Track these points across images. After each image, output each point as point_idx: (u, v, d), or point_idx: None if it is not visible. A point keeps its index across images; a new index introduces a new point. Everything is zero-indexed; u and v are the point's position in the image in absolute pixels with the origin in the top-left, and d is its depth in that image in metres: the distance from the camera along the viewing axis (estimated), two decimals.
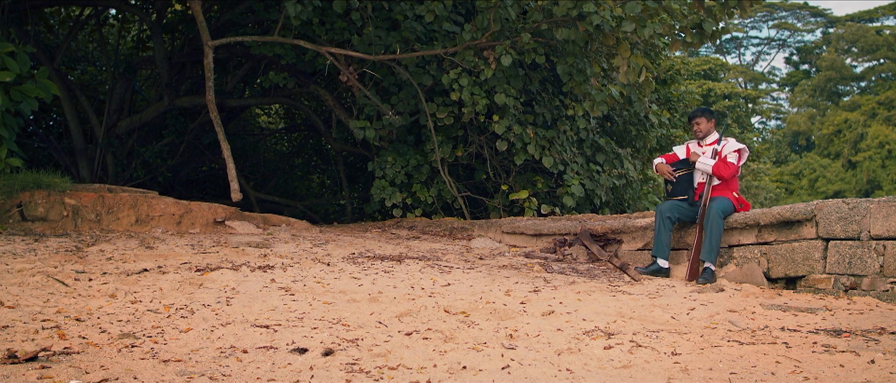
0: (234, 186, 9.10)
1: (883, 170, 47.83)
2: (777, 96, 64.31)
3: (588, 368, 4.00)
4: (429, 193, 10.99)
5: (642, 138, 13.55)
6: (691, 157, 7.61)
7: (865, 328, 5.14)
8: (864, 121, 51.62)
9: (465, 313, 5.17)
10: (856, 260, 6.58)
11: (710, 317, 5.44)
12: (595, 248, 8.03)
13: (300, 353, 4.05)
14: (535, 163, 11.20)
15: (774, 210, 7.17)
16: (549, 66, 11.17)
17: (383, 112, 10.66)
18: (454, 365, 3.95)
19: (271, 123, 18.28)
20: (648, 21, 8.97)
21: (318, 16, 10.34)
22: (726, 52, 64.70)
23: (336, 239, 8.60)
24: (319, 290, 5.68)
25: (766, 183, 34.26)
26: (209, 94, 9.42)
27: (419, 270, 6.75)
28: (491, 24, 9.52)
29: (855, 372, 3.96)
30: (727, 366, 4.06)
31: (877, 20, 62.18)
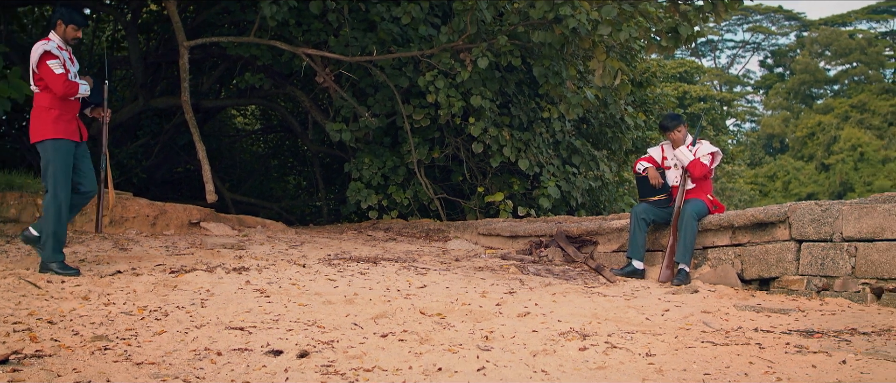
0: (209, 188, 9.05)
1: (855, 173, 48.31)
2: (752, 99, 64.80)
3: (563, 369, 4.01)
4: (405, 195, 10.99)
5: (618, 140, 13.62)
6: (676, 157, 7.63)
7: (837, 329, 5.19)
8: (838, 123, 52.12)
9: (441, 315, 5.17)
10: (828, 261, 6.64)
11: (684, 318, 5.47)
12: (571, 250, 8.05)
13: (275, 355, 4.04)
14: (511, 165, 11.23)
15: (748, 212, 7.22)
16: (525, 69, 11.20)
17: (360, 113, 10.65)
18: (430, 366, 3.95)
19: (247, 124, 18.21)
20: (624, 24, 9.02)
21: (294, 17, 10.32)
22: (702, 55, 65.09)
23: (312, 240, 8.58)
24: (295, 292, 5.66)
25: (740, 185, 34.52)
26: (184, 94, 9.37)
27: (395, 272, 6.74)
28: (467, 26, 9.54)
29: (827, 373, 3.99)
30: (701, 367, 4.08)
31: (850, 24, 62.79)
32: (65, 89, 6.06)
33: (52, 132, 6.11)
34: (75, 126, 6.27)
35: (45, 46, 6.13)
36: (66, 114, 6.18)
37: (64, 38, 6.29)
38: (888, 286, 6.32)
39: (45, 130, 6.12)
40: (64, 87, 6.05)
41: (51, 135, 6.11)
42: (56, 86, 6.04)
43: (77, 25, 6.32)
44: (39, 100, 6.18)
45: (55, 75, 6.06)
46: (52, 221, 6.06)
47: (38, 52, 6.12)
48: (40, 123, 6.14)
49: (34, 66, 6.14)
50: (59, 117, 6.13)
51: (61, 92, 6.06)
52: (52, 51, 6.12)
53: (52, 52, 6.11)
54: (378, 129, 11.14)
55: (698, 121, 8.86)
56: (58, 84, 6.04)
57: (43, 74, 6.10)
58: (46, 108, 6.13)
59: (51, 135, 6.11)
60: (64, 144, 6.14)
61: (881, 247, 6.39)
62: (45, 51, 6.11)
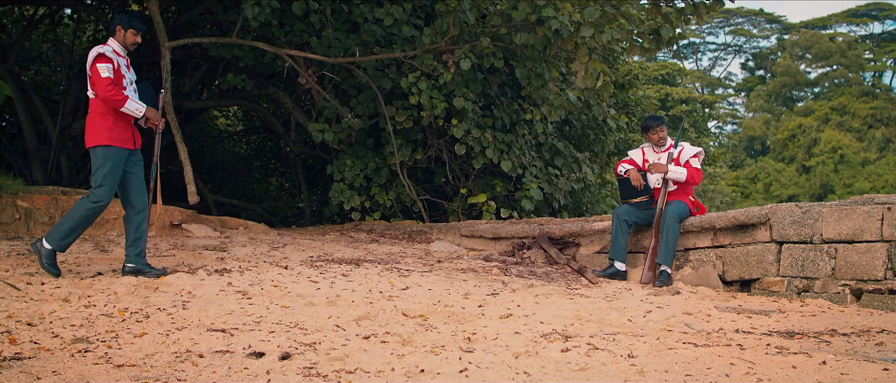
0: (191, 189, 9.02)
1: (835, 175, 48.66)
2: (733, 101, 65.16)
3: (545, 371, 4.01)
4: (388, 196, 10.98)
5: (600, 142, 13.66)
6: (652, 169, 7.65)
7: (817, 330, 5.22)
8: (818, 126, 52.47)
9: (424, 316, 5.17)
10: (808, 263, 6.69)
11: (666, 320, 5.50)
12: (553, 251, 8.07)
13: (257, 357, 4.02)
14: (493, 167, 11.24)
15: (730, 214, 7.26)
16: (507, 71, 11.21)
17: (342, 115, 10.63)
18: (412, 368, 3.95)
19: (229, 125, 18.14)
20: (606, 26, 9.06)
21: (276, 18, 10.29)
22: (684, 57, 65.37)
23: (294, 242, 8.56)
24: (277, 294, 5.65)
25: (722, 187, 34.69)
26: (166, 95, 9.32)
27: (378, 274, 6.74)
28: (450, 28, 9.54)
29: (807, 374, 4.02)
30: (682, 368, 4.10)
31: (830, 27, 63.25)
32: (106, 94, 5.96)
33: (105, 139, 6.03)
34: (130, 134, 6.20)
35: (100, 49, 6.08)
36: (121, 120, 6.11)
37: (123, 43, 6.23)
38: (867, 287, 6.37)
39: (99, 136, 6.05)
40: (105, 91, 5.95)
41: (104, 141, 6.03)
42: (99, 89, 5.98)
43: (136, 31, 6.27)
44: (94, 106, 6.12)
45: (100, 78, 5.98)
46: (76, 218, 6.01)
47: (93, 55, 6.07)
48: (94, 129, 6.08)
49: (88, 70, 6.09)
50: (115, 124, 6.07)
51: (103, 96, 5.98)
52: (105, 54, 6.06)
53: (105, 55, 6.05)
54: (361, 131, 11.13)
55: (680, 124, 8.91)
56: (101, 87, 5.97)
57: (93, 77, 6.04)
58: (101, 114, 6.06)
59: (104, 141, 6.03)
60: (116, 152, 6.07)
61: (860, 249, 6.44)
62: (99, 53, 6.05)
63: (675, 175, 7.47)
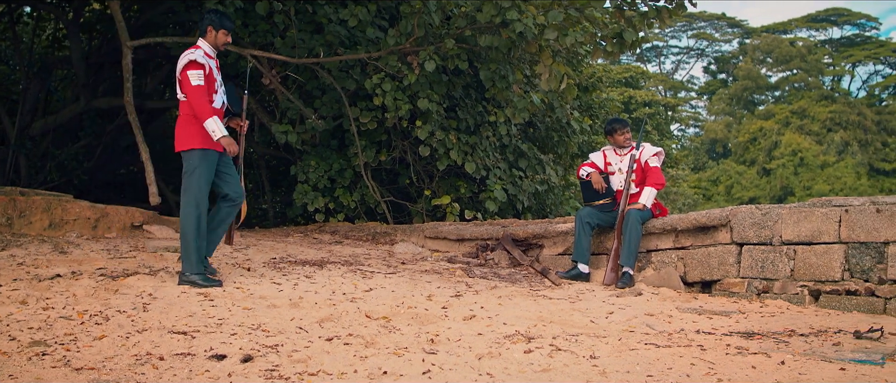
0: (152, 190, 8.93)
1: (795, 178, 49.31)
2: (695, 104, 65.79)
3: (508, 372, 4.02)
4: (352, 198, 10.95)
5: (564, 144, 13.73)
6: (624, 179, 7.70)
7: (776, 330, 5.29)
8: (778, 129, 53.15)
9: (387, 318, 5.16)
10: (768, 264, 6.77)
11: (628, 321, 5.54)
12: (517, 253, 8.09)
13: (218, 360, 4.00)
14: (457, 169, 11.25)
15: (691, 215, 7.33)
16: (472, 72, 11.23)
17: (306, 116, 10.59)
18: (375, 370, 3.94)
19: None
20: (570, 29, 9.10)
21: (240, 18, 10.23)
22: (647, 60, 65.93)
23: (257, 243, 8.51)
24: (239, 296, 5.61)
25: (684, 189, 34.98)
26: (128, 95, 9.24)
27: (341, 275, 6.72)
28: (415, 29, 9.54)
29: (766, 373, 4.07)
30: (644, 369, 4.13)
31: (790, 32, 64.07)
32: (195, 104, 5.95)
33: (200, 142, 6.02)
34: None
35: (192, 55, 6.03)
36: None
37: (214, 44, 6.19)
38: (825, 288, 6.46)
39: (193, 140, 6.03)
40: (194, 100, 5.94)
41: (199, 144, 6.02)
42: (190, 97, 5.96)
43: (228, 31, 6.23)
44: (186, 109, 6.09)
45: (191, 87, 5.96)
46: (191, 232, 5.98)
47: (184, 60, 6.03)
48: (188, 132, 6.05)
49: (178, 75, 6.06)
50: None
51: (191, 104, 5.97)
52: (197, 59, 6.01)
53: (197, 62, 6.00)
54: (325, 132, 11.09)
55: (642, 126, 8.97)
56: (191, 95, 5.96)
57: (183, 83, 6.02)
58: (194, 117, 6.04)
59: (199, 144, 6.02)
60: (210, 155, 6.07)
61: (819, 250, 6.54)
62: (191, 59, 6.00)
63: (648, 200, 7.53)
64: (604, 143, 8.72)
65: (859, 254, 6.36)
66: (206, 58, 6.08)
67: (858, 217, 6.40)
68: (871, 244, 6.33)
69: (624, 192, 7.59)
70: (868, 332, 4.97)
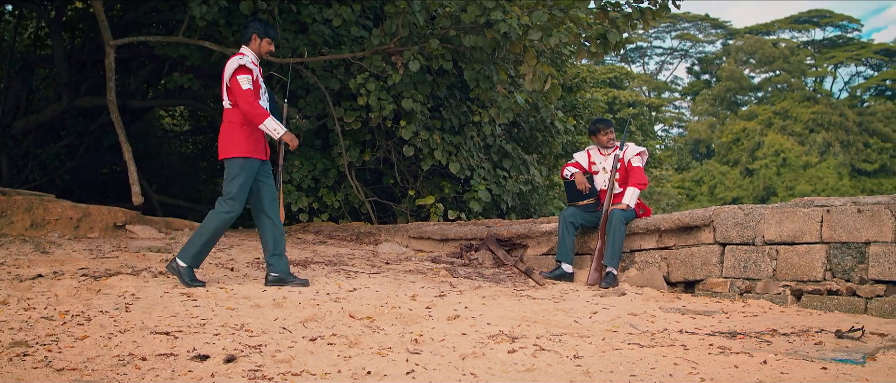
0: (135, 190, 8.89)
1: (778, 178, 49.59)
2: (679, 105, 66.05)
3: (492, 372, 4.02)
4: (336, 198, 10.93)
5: (548, 144, 13.75)
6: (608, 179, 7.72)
7: (759, 330, 5.31)
8: (761, 130, 53.42)
9: (371, 318, 5.15)
10: (751, 264, 6.80)
11: (611, 321, 5.55)
12: (501, 253, 8.10)
13: (201, 360, 3.98)
14: (442, 169, 11.25)
15: (674, 216, 7.36)
16: (456, 73, 11.23)
17: (290, 116, 10.56)
18: (359, 370, 3.94)
19: (176, 125, 17.92)
20: (554, 30, 9.12)
21: (224, 17, 10.19)
22: (631, 61, 66.13)
23: (240, 243, 8.48)
24: (223, 296, 5.59)
25: (668, 189, 35.12)
26: (110, 94, 9.19)
27: (325, 275, 6.70)
28: (399, 29, 9.53)
29: (748, 373, 4.09)
30: (627, 368, 4.14)
31: (773, 33, 64.42)
32: (248, 108, 5.97)
33: (245, 150, 6.06)
34: (263, 144, 6.23)
35: (240, 60, 6.06)
36: (256, 131, 6.13)
37: (258, 52, 6.23)
38: (807, 288, 6.50)
39: (238, 147, 6.05)
40: (247, 105, 5.97)
41: (243, 152, 6.05)
42: (240, 102, 5.99)
43: (272, 40, 6.28)
44: (231, 116, 6.11)
45: (242, 91, 5.98)
46: (209, 232, 6.00)
47: (233, 65, 6.04)
48: (233, 139, 6.07)
49: (227, 80, 6.07)
50: (251, 134, 6.09)
51: (244, 109, 5.98)
52: (246, 65, 6.05)
53: (246, 67, 6.05)
54: (309, 132, 11.06)
55: (626, 126, 9.02)
56: (242, 100, 5.98)
57: (233, 88, 6.02)
58: (240, 125, 6.06)
59: (243, 152, 6.05)
60: (252, 163, 6.10)
61: (801, 250, 6.57)
62: (240, 65, 6.04)
63: (631, 200, 7.55)
64: (588, 143, 8.74)
65: (841, 254, 6.41)
66: (252, 64, 6.14)
67: (840, 217, 6.44)
68: (852, 244, 6.37)
69: (608, 192, 7.62)
70: (849, 332, 5.00)
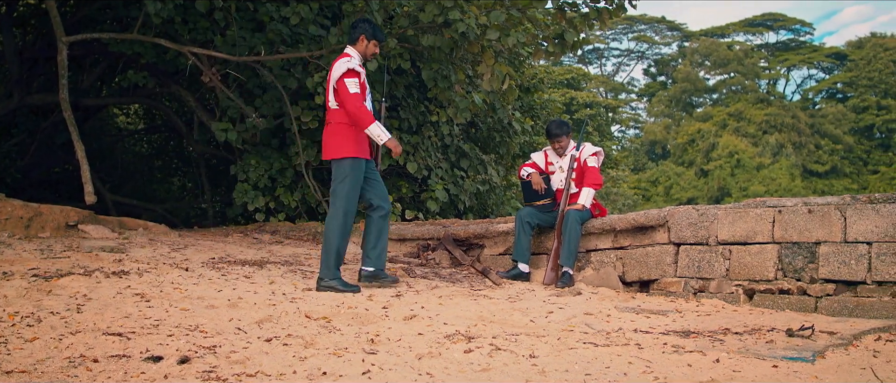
0: (88, 189, 8.75)
1: (732, 179, 50.26)
2: (635, 106, 66.70)
3: (448, 372, 4.03)
4: (293, 197, 10.87)
5: (506, 145, 13.79)
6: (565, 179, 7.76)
7: (712, 329, 5.38)
8: (716, 131, 54.11)
9: (327, 318, 5.13)
10: (704, 264, 6.89)
11: (567, 320, 5.58)
12: (458, 253, 8.11)
13: (155, 361, 3.93)
14: (399, 168, 11.23)
15: (629, 216, 7.42)
16: (414, 72, 11.23)
17: (247, 114, 10.48)
18: (314, 371, 3.92)
19: (130, 124, 17.69)
20: (512, 30, 9.15)
21: (180, 14, 10.07)
22: (588, 62, 66.60)
23: (196, 243, 8.40)
24: (177, 296, 5.53)
25: (624, 189, 35.43)
26: (63, 92, 9.04)
27: (281, 275, 6.67)
28: None
29: (701, 371, 4.14)
30: (582, 367, 4.17)
31: (728, 36, 65.28)
32: (355, 111, 6.03)
33: (353, 150, 6.13)
34: (368, 143, 6.29)
35: (349, 63, 6.12)
36: (362, 132, 6.20)
37: (363, 54, 6.28)
38: (759, 287, 6.59)
39: (346, 148, 6.12)
40: (354, 108, 6.03)
41: (351, 153, 6.13)
42: (348, 105, 6.03)
43: (379, 42, 6.34)
44: (338, 117, 6.16)
45: (350, 94, 6.03)
46: (336, 237, 6.11)
47: (342, 68, 6.09)
48: (340, 141, 6.13)
49: (334, 82, 6.10)
50: (358, 134, 6.15)
51: (352, 112, 6.03)
52: (354, 68, 6.11)
53: (354, 70, 6.11)
54: (265, 131, 10.98)
55: (583, 127, 9.07)
56: (350, 103, 6.02)
57: (340, 90, 6.06)
58: (347, 125, 6.13)
59: (351, 153, 6.13)
60: (361, 163, 6.17)
61: (753, 250, 6.67)
62: (349, 68, 6.10)
63: (586, 200, 7.60)
64: (545, 144, 8.79)
65: (792, 254, 6.51)
66: (360, 67, 6.21)
67: (791, 217, 6.54)
68: (803, 244, 6.48)
69: (564, 193, 7.66)
70: (800, 330, 5.09)
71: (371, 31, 6.32)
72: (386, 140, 6.17)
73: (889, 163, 54.09)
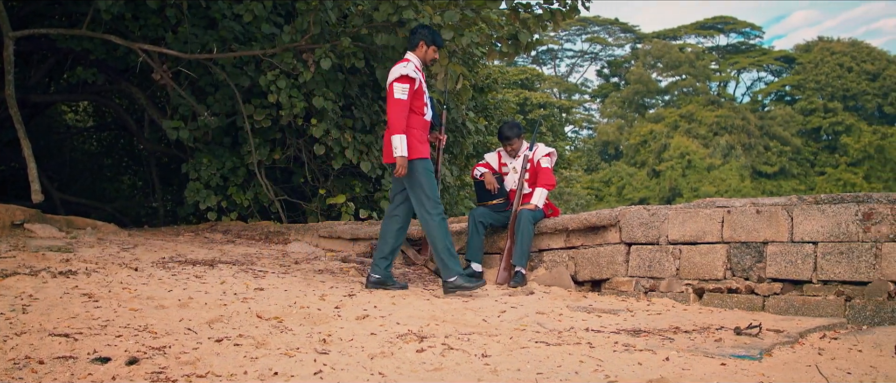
0: (34, 187, 8.60)
1: (683, 179, 50.87)
2: (589, 107, 67.20)
3: (400, 371, 4.03)
4: (245, 196, 10.78)
5: (459, 145, 13.80)
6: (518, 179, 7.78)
7: (662, 328, 5.43)
8: (668, 132, 54.74)
9: (279, 318, 5.10)
10: (655, 263, 6.96)
11: (519, 319, 5.61)
12: (410, 253, 8.11)
13: (102, 363, 3.88)
14: (353, 168, 11.19)
15: (582, 216, 7.48)
16: (368, 71, 11.19)
17: (198, 112, 10.37)
18: (265, 371, 3.89)
19: (79, 121, 17.40)
20: (466, 30, 9.17)
21: (130, 10, 9.94)
22: (542, 63, 66.96)
23: (146, 243, 8.30)
24: (126, 296, 5.46)
25: (577, 189, 35.69)
26: (9, 88, 8.87)
27: (232, 275, 6.61)
28: (311, 26, 9.45)
29: (651, 370, 4.18)
30: (534, 367, 4.19)
31: (680, 38, 66.07)
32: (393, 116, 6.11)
33: (420, 151, 6.23)
34: (428, 147, 6.41)
35: (403, 69, 6.18)
36: (423, 134, 6.32)
37: (423, 59, 6.35)
38: (708, 286, 6.68)
39: (415, 150, 6.22)
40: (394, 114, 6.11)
41: (419, 154, 6.22)
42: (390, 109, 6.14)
43: (438, 48, 6.42)
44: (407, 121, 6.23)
45: (393, 99, 6.13)
46: (441, 237, 6.28)
47: (395, 73, 6.17)
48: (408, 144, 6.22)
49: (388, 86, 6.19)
50: (421, 136, 6.27)
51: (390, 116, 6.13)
52: (408, 74, 6.15)
53: (408, 76, 6.15)
54: (218, 129, 10.88)
55: (537, 127, 9.13)
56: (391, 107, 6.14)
57: (387, 94, 6.18)
58: (411, 129, 6.21)
59: (419, 154, 6.22)
60: (429, 164, 6.29)
61: (703, 250, 6.75)
62: (402, 73, 6.15)
63: (539, 200, 7.64)
64: (498, 144, 8.82)
65: (740, 254, 6.60)
66: (416, 72, 6.24)
67: (740, 218, 6.64)
68: (751, 244, 6.58)
69: (517, 193, 7.69)
70: (747, 329, 5.16)
71: (430, 38, 6.43)
72: (399, 154, 6.20)
73: (835, 164, 55.19)
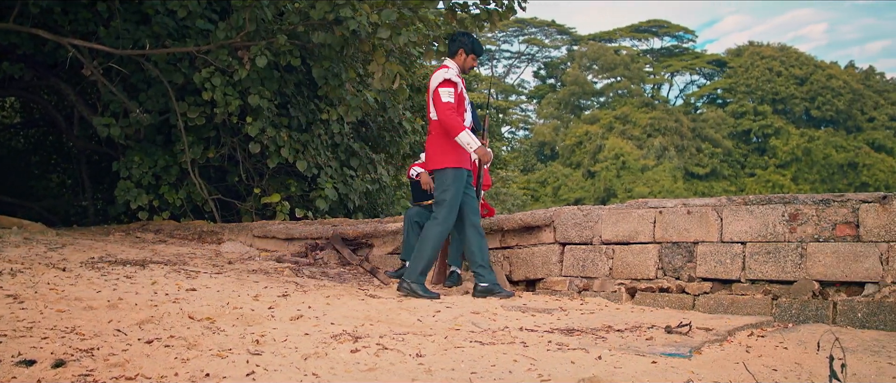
0: None
1: (618, 180, 51.53)
2: (525, 108, 67.65)
3: (334, 372, 4.00)
4: (178, 195, 10.62)
5: (396, 144, 13.80)
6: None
7: (595, 327, 5.49)
8: (603, 133, 55.40)
9: (211, 319, 5.03)
10: (588, 263, 7.04)
11: (454, 319, 5.62)
12: (346, 252, 8.08)
13: (27, 366, 3.78)
14: (288, 167, 11.11)
15: (517, 216, 7.53)
16: (304, 70, 11.12)
17: (130, 109, 10.19)
18: (197, 372, 3.84)
19: (5, 118, 16.96)
20: (403, 29, 9.16)
21: (60, 4, 9.72)
22: (479, 63, 67.18)
23: (74, 242, 8.12)
24: (53, 297, 5.33)
25: (513, 190, 35.89)
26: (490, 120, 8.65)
27: (164, 275, 6.50)
28: (246, 23, 9.36)
29: (584, 368, 4.22)
30: (468, 366, 4.20)
31: (615, 40, 66.90)
32: (446, 119, 6.03)
33: (452, 161, 6.15)
34: (469, 155, 6.27)
35: (445, 74, 6.15)
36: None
37: (461, 66, 6.30)
38: (640, 286, 6.77)
39: (448, 158, 6.16)
40: (445, 116, 6.04)
41: (453, 164, 6.16)
42: (439, 113, 6.06)
43: (477, 56, 6.34)
44: (437, 128, 6.19)
45: (442, 103, 6.06)
46: (430, 247, 6.17)
47: (439, 78, 6.12)
48: (442, 151, 6.16)
49: (431, 92, 6.12)
50: (458, 145, 6.16)
51: (443, 120, 6.04)
52: (451, 78, 6.11)
53: (451, 80, 6.12)
54: (150, 127, 10.70)
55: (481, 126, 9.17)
56: (441, 111, 6.05)
57: (434, 100, 6.09)
58: (447, 136, 6.14)
59: (453, 164, 6.16)
60: (463, 174, 6.20)
61: (635, 250, 6.85)
62: (445, 78, 6.11)
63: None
64: None
65: (671, 254, 6.71)
66: (458, 77, 6.25)
67: (671, 218, 6.75)
68: (682, 244, 6.69)
69: None
70: (678, 327, 5.25)
71: (470, 46, 6.43)
72: (475, 147, 6.22)
73: (765, 166, 56.47)
